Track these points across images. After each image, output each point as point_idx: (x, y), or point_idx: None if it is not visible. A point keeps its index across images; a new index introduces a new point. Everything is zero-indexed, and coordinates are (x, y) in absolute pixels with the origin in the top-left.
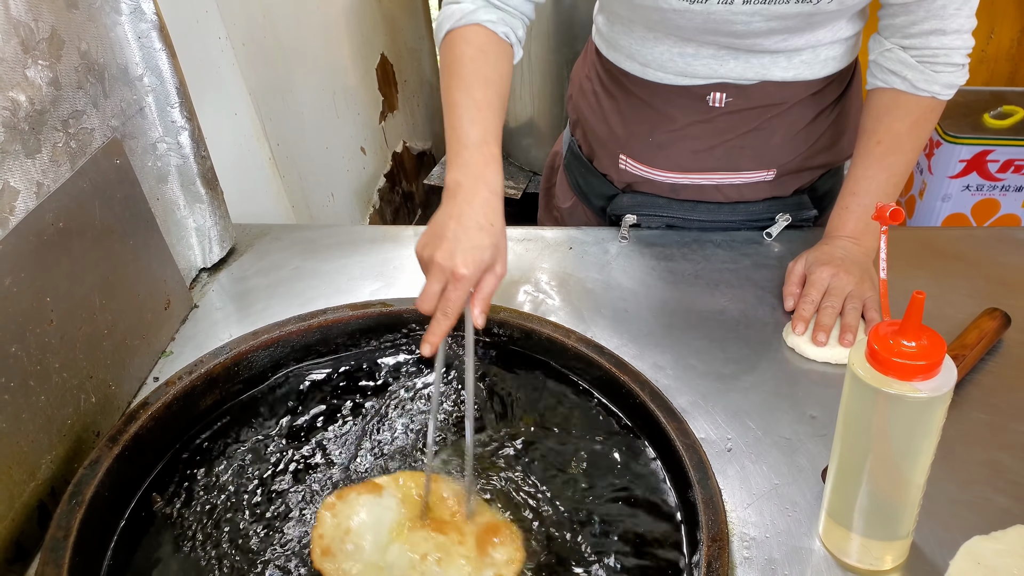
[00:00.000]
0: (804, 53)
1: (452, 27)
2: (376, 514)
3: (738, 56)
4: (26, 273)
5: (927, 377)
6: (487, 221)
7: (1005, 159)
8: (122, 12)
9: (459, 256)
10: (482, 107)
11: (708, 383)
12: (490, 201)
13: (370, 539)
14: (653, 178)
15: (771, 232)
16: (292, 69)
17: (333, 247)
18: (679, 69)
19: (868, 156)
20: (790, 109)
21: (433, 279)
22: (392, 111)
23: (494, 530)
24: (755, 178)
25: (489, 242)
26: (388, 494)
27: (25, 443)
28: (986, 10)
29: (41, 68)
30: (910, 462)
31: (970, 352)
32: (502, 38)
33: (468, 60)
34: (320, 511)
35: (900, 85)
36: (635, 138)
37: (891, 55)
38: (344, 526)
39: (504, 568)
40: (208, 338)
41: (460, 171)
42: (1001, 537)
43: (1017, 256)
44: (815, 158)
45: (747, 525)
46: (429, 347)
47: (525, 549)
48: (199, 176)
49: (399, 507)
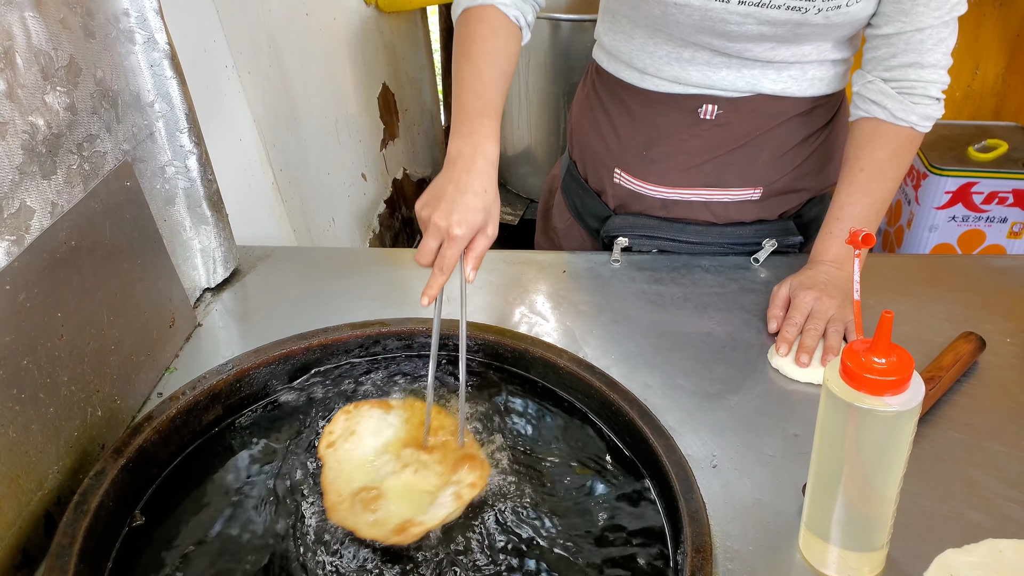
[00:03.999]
0: (792, 68)
1: (469, 5)
2: (379, 426)
3: (730, 64)
4: (39, 289)
5: (897, 392)
6: (481, 188)
7: (989, 191)
8: (136, 42)
9: (454, 217)
10: (487, 83)
11: (695, 402)
12: (485, 170)
13: (369, 444)
14: (645, 193)
15: (758, 257)
16: (296, 97)
17: (334, 269)
18: (674, 75)
19: (851, 183)
20: (778, 128)
21: (430, 236)
22: (393, 139)
23: (469, 458)
24: (742, 196)
25: (481, 206)
26: (395, 413)
27: (34, 453)
28: (971, 47)
29: (59, 94)
30: (883, 474)
31: (946, 374)
32: (512, 20)
33: (479, 39)
34: (336, 413)
35: (880, 114)
36: (630, 152)
37: (872, 86)
38: (351, 428)
39: (465, 489)
40: (211, 355)
41: (462, 140)
42: (973, 550)
43: (993, 282)
44: (801, 181)
45: (730, 538)
46: (427, 299)
47: (488, 480)
48: (205, 199)
49: (401, 425)
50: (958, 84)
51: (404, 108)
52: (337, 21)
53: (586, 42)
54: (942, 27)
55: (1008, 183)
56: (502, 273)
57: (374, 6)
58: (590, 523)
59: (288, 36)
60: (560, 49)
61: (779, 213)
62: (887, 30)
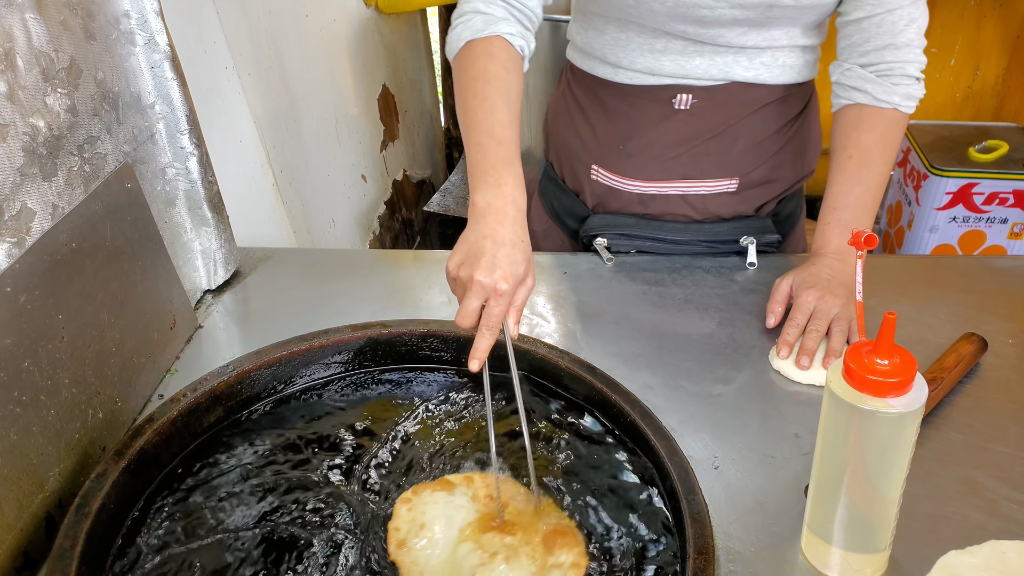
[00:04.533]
0: (764, 55)
1: (473, 37)
2: (448, 512)
3: (703, 52)
4: (40, 291)
5: (900, 394)
6: (518, 238)
7: (990, 192)
8: (137, 43)
9: (499, 272)
10: (506, 126)
11: (697, 403)
12: (518, 220)
13: (441, 535)
14: (623, 188)
15: (753, 262)
16: (296, 98)
17: (335, 270)
18: (648, 66)
19: (842, 172)
20: (752, 116)
21: (473, 296)
22: (393, 140)
23: (559, 534)
24: (719, 187)
25: (522, 257)
26: (459, 492)
27: (35, 455)
28: (971, 48)
29: (60, 96)
30: (885, 476)
31: (948, 375)
32: (518, 51)
33: (493, 77)
34: (396, 505)
35: (862, 99)
36: (607, 147)
37: (851, 73)
38: (418, 521)
39: (568, 571)
40: (212, 357)
41: (490, 191)
42: (976, 552)
43: (994, 283)
44: (776, 172)
45: (732, 539)
46: (477, 363)
47: (588, 555)
48: (206, 201)
49: (469, 504)
50: (958, 85)
51: (404, 109)
52: (337, 22)
53: None
54: (912, 7)
55: (1008, 184)
56: None
57: (374, 7)
58: (591, 524)
59: (288, 37)
60: (561, 51)
61: (756, 207)
62: (858, 15)
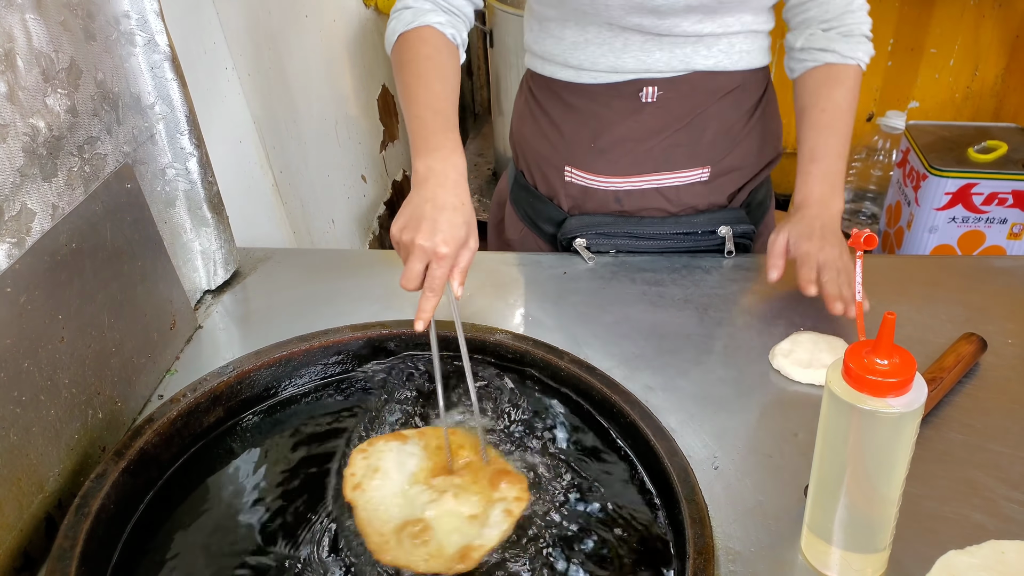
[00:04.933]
0: (720, 42)
1: (404, 30)
2: (401, 459)
3: (662, 46)
4: (40, 291)
5: (899, 394)
6: (459, 201)
7: (989, 192)
8: (137, 44)
9: (439, 235)
10: (442, 98)
11: (696, 403)
12: (459, 183)
13: (396, 478)
14: (598, 187)
15: (731, 250)
16: (295, 99)
17: (334, 271)
18: (610, 65)
19: (816, 125)
20: (717, 104)
21: (415, 259)
22: (392, 141)
23: (504, 473)
24: (692, 177)
25: (463, 220)
26: (412, 443)
27: (35, 456)
28: (971, 48)
29: (60, 96)
30: (885, 476)
31: (948, 375)
32: (450, 39)
33: (424, 58)
34: (352, 454)
35: (831, 58)
36: (578, 147)
37: (816, 37)
38: (373, 466)
39: (512, 504)
40: (212, 358)
41: (430, 156)
42: (976, 552)
43: (994, 283)
44: (744, 159)
45: (732, 539)
46: (422, 323)
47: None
48: (206, 201)
49: (422, 453)
50: (958, 85)
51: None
52: (336, 23)
53: None
54: None
55: (1008, 184)
56: (503, 275)
57: (373, 8)
58: (592, 524)
59: (288, 38)
60: None
61: (728, 195)
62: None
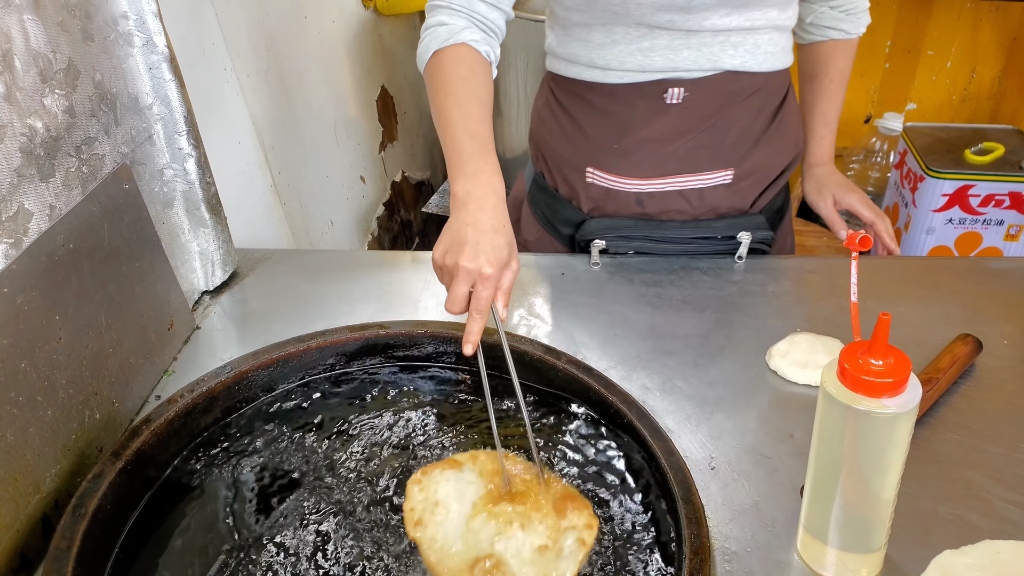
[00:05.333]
0: (747, 41)
1: (440, 47)
2: (460, 488)
3: (690, 44)
4: (37, 292)
5: (894, 394)
6: (500, 224)
7: (986, 193)
8: (135, 45)
9: (483, 258)
10: (478, 121)
11: (693, 404)
12: (498, 206)
13: (456, 510)
14: (620, 188)
15: (741, 255)
16: (294, 100)
17: (333, 271)
18: (638, 64)
19: (826, 93)
20: (741, 105)
21: (460, 281)
22: (392, 142)
23: (569, 498)
24: (715, 180)
25: (505, 242)
26: (467, 469)
27: (31, 456)
28: (968, 50)
29: (57, 97)
30: (880, 476)
31: (943, 376)
32: (484, 57)
33: (460, 79)
34: (408, 485)
35: (837, 35)
36: (601, 149)
37: (824, 15)
38: (432, 499)
39: (584, 532)
40: (209, 358)
41: (469, 181)
42: (971, 551)
43: (990, 285)
44: (766, 160)
45: (728, 540)
46: (471, 346)
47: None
48: (204, 202)
49: (479, 480)
50: (955, 87)
51: (403, 111)
52: (336, 24)
53: None
54: None
55: (1004, 186)
56: None
57: (372, 9)
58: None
59: (286, 39)
60: None
61: (749, 198)
62: None
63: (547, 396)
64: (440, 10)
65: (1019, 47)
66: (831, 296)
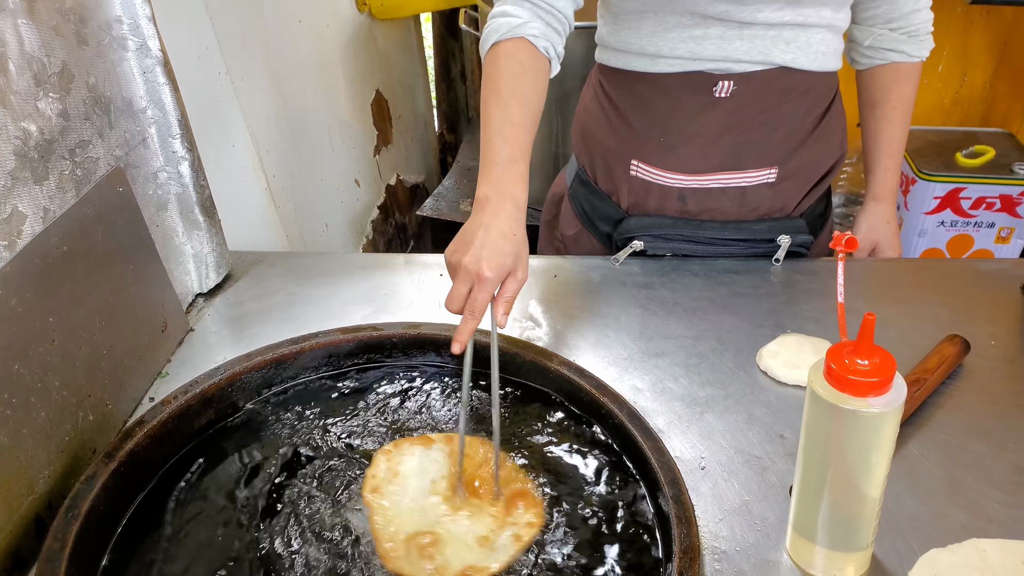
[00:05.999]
0: (799, 38)
1: (498, 39)
2: (424, 464)
3: (743, 35)
4: (31, 294)
5: (879, 393)
6: (511, 231)
7: (977, 196)
8: (129, 49)
9: (484, 261)
10: (516, 125)
11: (684, 405)
12: (514, 214)
13: (414, 485)
14: (664, 183)
15: (779, 258)
16: (289, 103)
17: (326, 274)
18: (689, 52)
19: (891, 120)
20: (790, 103)
21: (460, 281)
22: (386, 145)
23: (522, 495)
24: (759, 178)
25: (511, 250)
26: (436, 448)
27: (25, 458)
28: (959, 54)
29: (51, 100)
30: (866, 475)
31: (931, 376)
32: (542, 52)
33: (508, 77)
34: (376, 454)
35: (899, 58)
36: (646, 141)
37: (884, 37)
38: (394, 470)
39: (523, 529)
40: (203, 360)
41: (490, 186)
42: (957, 550)
43: (978, 286)
44: (811, 161)
45: (718, 539)
46: (459, 345)
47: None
48: (198, 204)
49: (444, 460)
50: (947, 91)
51: (397, 115)
52: (330, 28)
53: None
54: None
55: (995, 188)
56: None
57: (367, 13)
58: (580, 525)
59: (281, 43)
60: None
61: (791, 200)
62: None
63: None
64: (506, 0)
65: (1009, 51)
66: (821, 297)
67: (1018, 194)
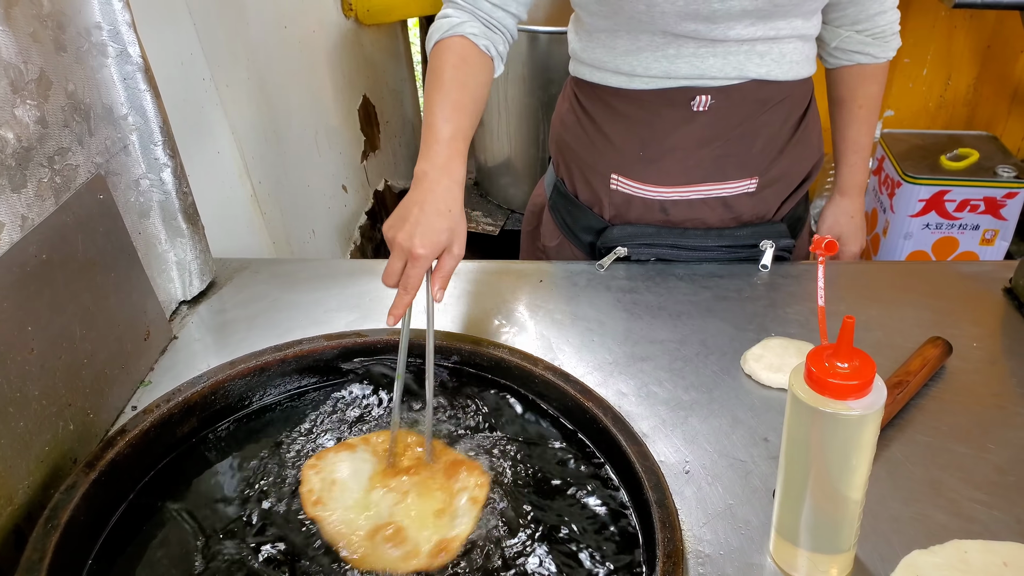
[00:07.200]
0: (772, 51)
1: (440, 38)
2: (354, 467)
3: (716, 52)
4: (9, 303)
5: (859, 396)
6: (446, 207)
7: (961, 199)
8: (108, 55)
9: (417, 238)
10: (456, 107)
11: (668, 409)
12: (451, 189)
13: (354, 486)
14: (645, 195)
15: (766, 264)
16: (275, 109)
17: (311, 280)
18: (663, 71)
19: (856, 119)
20: (767, 114)
21: (395, 257)
22: (374, 150)
23: (458, 463)
24: (740, 188)
25: (446, 226)
26: (361, 450)
27: (3, 468)
28: (943, 58)
29: (29, 107)
30: (847, 477)
31: (913, 378)
32: (483, 51)
33: (449, 67)
34: (304, 470)
35: (864, 60)
36: (626, 156)
37: (851, 39)
38: (329, 479)
39: (476, 491)
40: (186, 368)
41: (428, 162)
42: (939, 551)
43: (961, 288)
44: (791, 168)
45: (702, 543)
46: (393, 318)
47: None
48: (180, 212)
49: (372, 458)
50: (931, 94)
51: (385, 120)
52: (316, 33)
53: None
54: None
55: (979, 191)
56: (480, 283)
57: (353, 18)
58: (564, 529)
59: (267, 49)
60: (538, 61)
61: (772, 206)
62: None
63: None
64: (449, 4)
65: (993, 54)
66: (804, 301)
67: (1002, 196)
